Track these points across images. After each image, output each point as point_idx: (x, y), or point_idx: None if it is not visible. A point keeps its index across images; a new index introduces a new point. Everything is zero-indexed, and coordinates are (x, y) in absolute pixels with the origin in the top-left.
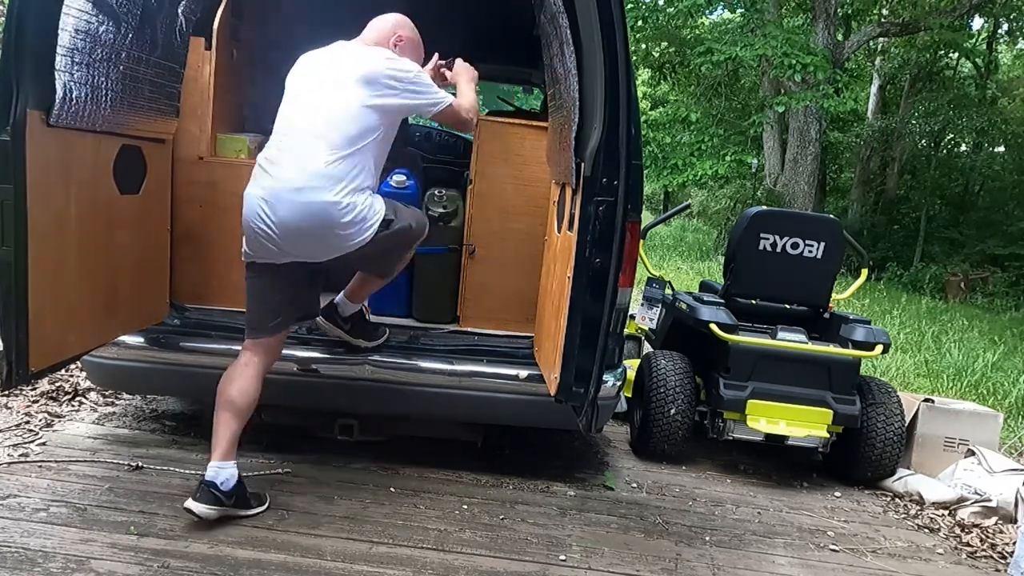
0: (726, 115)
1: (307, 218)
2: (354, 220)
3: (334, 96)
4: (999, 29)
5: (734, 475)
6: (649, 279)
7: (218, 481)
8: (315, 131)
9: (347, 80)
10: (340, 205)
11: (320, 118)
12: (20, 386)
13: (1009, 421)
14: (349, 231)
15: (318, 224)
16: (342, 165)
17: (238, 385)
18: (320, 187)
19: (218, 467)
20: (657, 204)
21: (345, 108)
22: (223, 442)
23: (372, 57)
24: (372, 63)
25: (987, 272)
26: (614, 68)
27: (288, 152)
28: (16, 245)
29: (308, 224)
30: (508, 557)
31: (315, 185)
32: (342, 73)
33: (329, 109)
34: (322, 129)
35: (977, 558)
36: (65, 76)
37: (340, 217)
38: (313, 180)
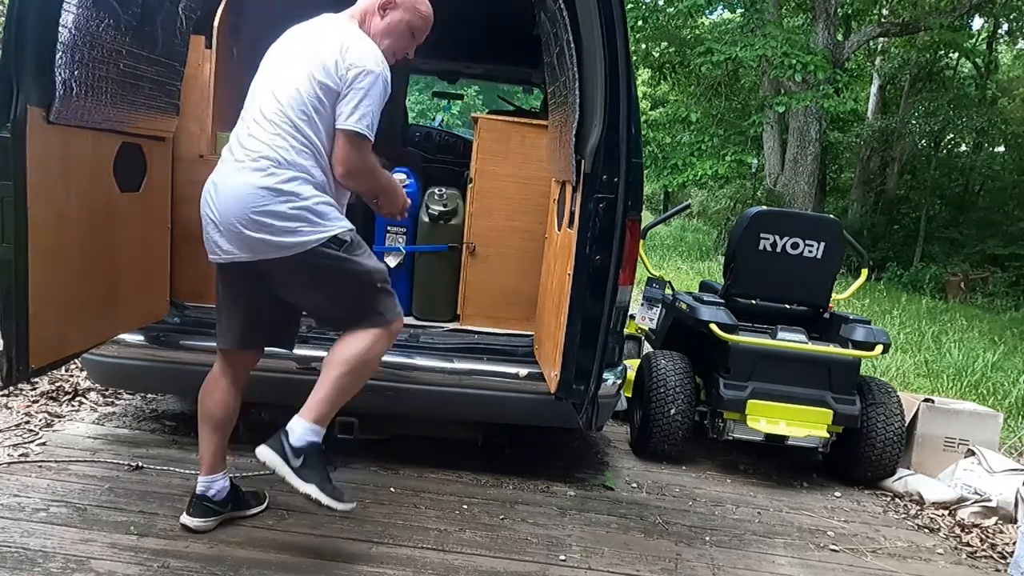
0: (726, 115)
1: (241, 199)
2: (290, 213)
3: (289, 78)
4: (999, 29)
5: (734, 475)
6: (649, 279)
7: (209, 494)
8: (268, 113)
9: (303, 63)
10: (279, 192)
11: (274, 100)
12: (20, 383)
13: (1009, 421)
14: (283, 223)
15: (249, 206)
16: (289, 152)
17: (215, 398)
18: (262, 168)
19: (207, 481)
20: (657, 204)
21: (296, 93)
22: (207, 456)
23: (330, 42)
24: (326, 50)
25: (987, 272)
26: (614, 66)
27: (243, 134)
28: (16, 242)
29: (240, 206)
30: (508, 557)
31: (258, 167)
32: (303, 52)
33: (284, 91)
34: (273, 111)
35: (977, 558)
36: (65, 73)
37: (275, 202)
38: (257, 161)
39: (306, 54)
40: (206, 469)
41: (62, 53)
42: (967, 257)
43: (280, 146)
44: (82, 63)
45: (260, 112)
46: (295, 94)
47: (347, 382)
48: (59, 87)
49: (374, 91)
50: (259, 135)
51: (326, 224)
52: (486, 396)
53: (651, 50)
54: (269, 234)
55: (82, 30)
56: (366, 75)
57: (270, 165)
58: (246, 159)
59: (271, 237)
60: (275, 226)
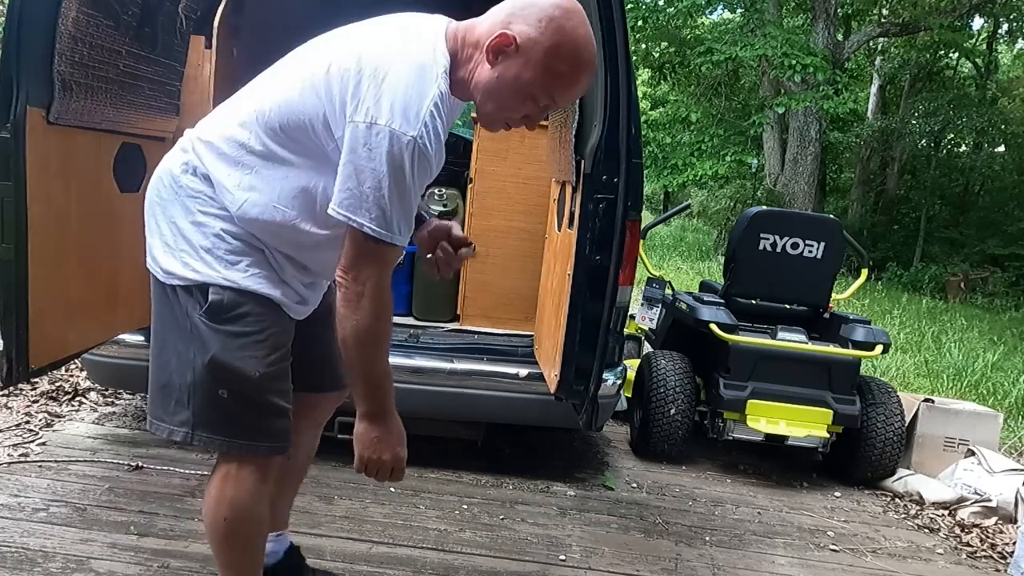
0: (726, 115)
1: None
2: (179, 222)
3: (287, 73)
4: (999, 29)
5: (734, 475)
6: (649, 279)
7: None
8: (246, 95)
9: (315, 58)
10: (190, 187)
11: (260, 86)
12: (20, 383)
13: (1009, 421)
14: (163, 226)
15: (152, 188)
16: (234, 150)
17: None
18: (187, 148)
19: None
20: (657, 204)
21: (285, 91)
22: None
23: (370, 47)
24: (350, 55)
25: (987, 272)
26: (614, 66)
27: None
28: (16, 243)
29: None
30: (508, 557)
31: (190, 147)
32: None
33: (273, 83)
34: (247, 98)
35: (977, 558)
36: (65, 73)
37: (177, 194)
38: (191, 141)
39: (331, 49)
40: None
41: (62, 53)
42: (967, 257)
43: (227, 135)
44: (82, 63)
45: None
46: (283, 88)
47: (223, 560)
48: (59, 87)
49: (379, 161)
50: (224, 113)
51: (211, 265)
52: (486, 396)
53: (651, 50)
54: (151, 225)
55: (82, 30)
56: (371, 130)
57: (202, 147)
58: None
59: (149, 233)
60: (154, 221)
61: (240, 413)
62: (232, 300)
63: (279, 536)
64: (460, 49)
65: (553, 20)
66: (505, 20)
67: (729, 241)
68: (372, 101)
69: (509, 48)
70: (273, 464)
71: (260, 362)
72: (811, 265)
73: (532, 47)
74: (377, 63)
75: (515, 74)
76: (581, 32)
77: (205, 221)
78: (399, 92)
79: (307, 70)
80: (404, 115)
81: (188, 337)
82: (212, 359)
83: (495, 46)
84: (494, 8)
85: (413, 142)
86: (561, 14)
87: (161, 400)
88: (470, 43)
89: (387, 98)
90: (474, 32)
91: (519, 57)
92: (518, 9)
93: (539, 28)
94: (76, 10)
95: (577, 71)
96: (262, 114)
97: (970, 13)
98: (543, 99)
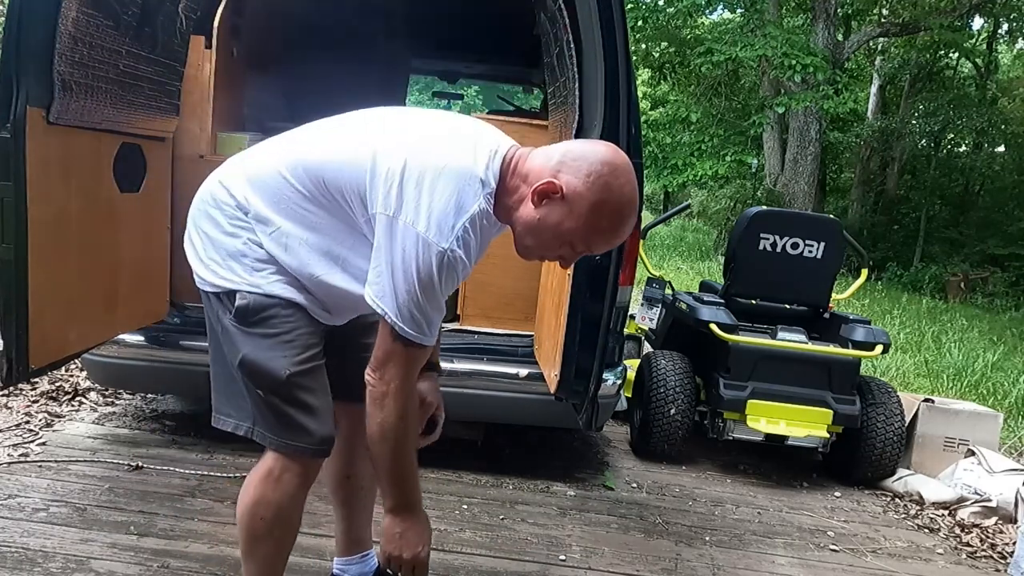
0: (726, 115)
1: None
2: (209, 233)
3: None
4: (999, 29)
5: (734, 475)
6: (649, 279)
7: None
8: (294, 140)
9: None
10: (223, 201)
11: (308, 137)
12: (20, 383)
13: (1009, 421)
14: (197, 235)
15: (193, 203)
16: (276, 180)
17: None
18: (232, 174)
19: (341, 564)
20: (657, 204)
21: (332, 153)
22: (336, 532)
23: (420, 141)
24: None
25: (987, 272)
26: (614, 66)
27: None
28: (16, 243)
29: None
30: (508, 557)
31: (234, 173)
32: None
33: (322, 139)
34: (295, 142)
35: (977, 558)
36: (65, 73)
37: (210, 208)
38: (234, 168)
39: (390, 129)
40: (337, 548)
41: (62, 53)
42: (967, 257)
43: (272, 169)
44: (82, 63)
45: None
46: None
47: (251, 554)
48: (59, 87)
49: (409, 264)
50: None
51: (234, 270)
52: (486, 396)
53: (651, 50)
54: (190, 237)
55: (82, 30)
56: (406, 232)
57: (240, 171)
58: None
59: (189, 246)
60: (193, 231)
61: (280, 412)
62: (258, 303)
63: (364, 556)
64: (510, 175)
65: (601, 177)
66: (556, 167)
67: (729, 241)
68: (412, 205)
69: (555, 196)
70: (315, 469)
71: (288, 362)
72: (811, 265)
73: (577, 200)
74: (424, 168)
75: (557, 221)
76: (627, 191)
77: (234, 231)
78: (439, 203)
79: (355, 145)
80: (439, 227)
81: (225, 339)
82: (243, 360)
83: (542, 191)
84: (550, 148)
85: (443, 254)
86: (609, 172)
87: (224, 397)
88: (520, 174)
89: (426, 206)
90: (525, 164)
91: (563, 206)
92: (569, 159)
93: (587, 183)
94: (76, 10)
95: (617, 227)
96: (307, 163)
97: (970, 13)
98: (580, 247)
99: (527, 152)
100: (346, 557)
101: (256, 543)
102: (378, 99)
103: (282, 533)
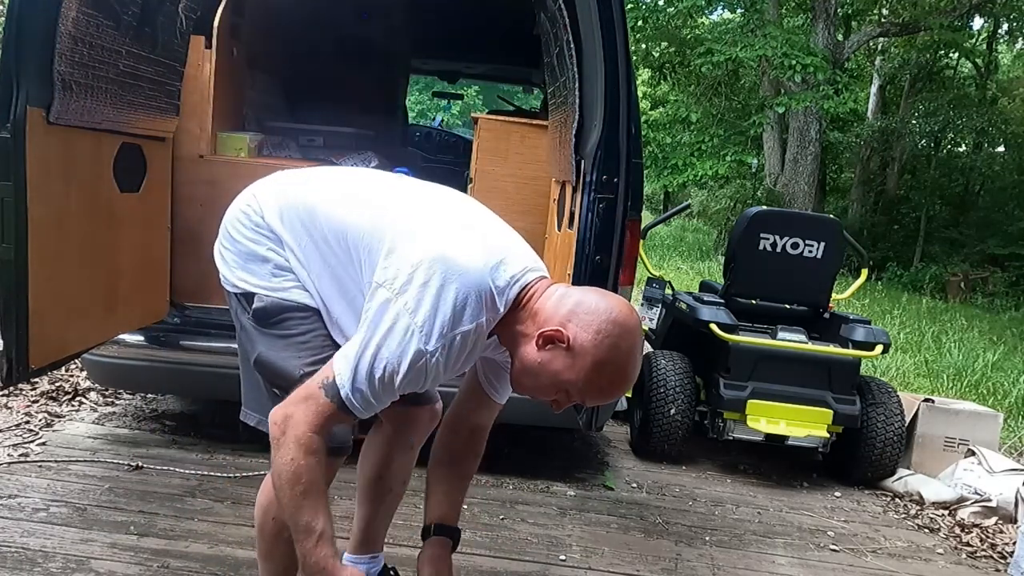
0: (726, 115)
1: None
2: (236, 237)
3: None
4: (999, 29)
5: (734, 475)
6: (649, 279)
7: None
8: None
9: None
10: (252, 216)
11: (334, 184)
12: (20, 383)
13: (1009, 421)
14: (224, 237)
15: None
16: (304, 219)
17: (365, 455)
18: (271, 191)
19: (349, 561)
20: (657, 204)
21: (353, 216)
22: (354, 527)
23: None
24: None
25: (987, 272)
26: (614, 66)
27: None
28: (16, 243)
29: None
30: (508, 557)
31: (264, 192)
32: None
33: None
34: (326, 185)
35: (977, 558)
36: (65, 73)
37: (241, 217)
38: (266, 188)
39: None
40: (350, 544)
41: (62, 53)
42: (967, 257)
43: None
44: (82, 63)
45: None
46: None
47: (268, 555)
48: (59, 87)
49: (388, 345)
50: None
51: (253, 273)
52: None
53: (651, 50)
54: (220, 242)
55: (82, 30)
56: (400, 318)
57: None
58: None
59: (218, 250)
60: (222, 237)
61: None
62: (275, 306)
63: (374, 557)
64: (521, 306)
65: (608, 337)
66: (566, 316)
67: (729, 241)
68: (415, 297)
69: (560, 345)
70: (330, 470)
71: (302, 362)
72: (811, 265)
73: (581, 354)
74: (442, 265)
75: (557, 369)
76: (633, 355)
77: (257, 239)
78: (443, 305)
79: (384, 217)
80: (431, 329)
81: (245, 338)
82: (259, 358)
83: (548, 336)
84: (565, 292)
85: (423, 354)
86: (618, 333)
87: (250, 393)
88: (530, 310)
89: (429, 302)
90: (538, 300)
91: (567, 356)
92: (582, 311)
93: (594, 340)
94: (76, 10)
95: (615, 387)
96: (335, 218)
97: (970, 13)
98: (575, 397)
99: (544, 287)
100: (357, 555)
101: (271, 543)
102: (378, 99)
103: (282, 539)
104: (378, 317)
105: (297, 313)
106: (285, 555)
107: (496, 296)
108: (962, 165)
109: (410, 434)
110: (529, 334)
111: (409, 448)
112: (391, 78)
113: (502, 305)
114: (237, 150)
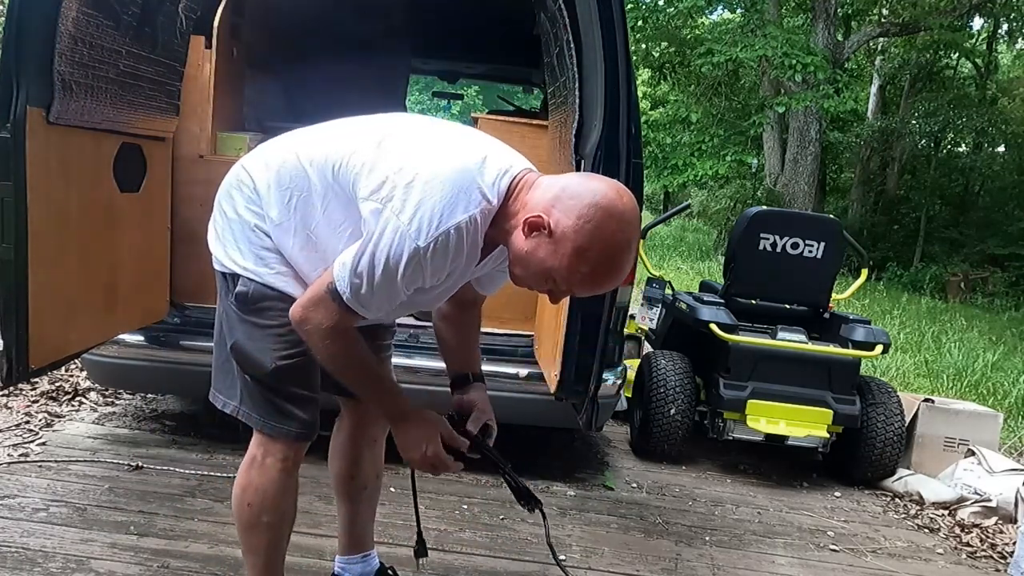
0: (726, 115)
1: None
2: (227, 212)
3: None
4: (999, 29)
5: (734, 475)
6: (649, 279)
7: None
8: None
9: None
10: (243, 182)
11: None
12: (20, 383)
13: (1009, 421)
14: (216, 213)
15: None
16: (292, 166)
17: (333, 453)
18: (257, 153)
19: (342, 563)
20: (657, 204)
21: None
22: (339, 530)
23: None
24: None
25: (987, 272)
26: (614, 66)
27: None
28: (16, 242)
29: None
30: (508, 557)
31: (256, 158)
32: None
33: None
34: (315, 138)
35: (977, 558)
36: (65, 73)
37: (232, 189)
38: (259, 155)
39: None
40: (339, 547)
41: (62, 53)
42: (967, 257)
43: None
44: (82, 63)
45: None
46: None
47: (248, 548)
48: (59, 87)
49: (381, 248)
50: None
51: (245, 256)
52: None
53: (651, 50)
54: (214, 218)
55: (82, 30)
56: (388, 222)
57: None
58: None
59: (212, 225)
60: (217, 212)
61: (265, 397)
62: (257, 292)
63: (366, 556)
64: (514, 198)
65: (591, 221)
66: (551, 201)
67: (729, 241)
68: (401, 199)
69: (543, 231)
70: (298, 454)
71: (276, 354)
72: (811, 265)
73: (563, 239)
74: (425, 167)
75: (542, 257)
76: (617, 239)
77: (246, 215)
78: (428, 202)
79: (365, 138)
80: (421, 224)
81: (224, 320)
82: (235, 344)
83: (531, 223)
84: (555, 179)
85: (417, 250)
86: (600, 217)
87: (220, 375)
88: (521, 200)
89: (414, 202)
90: (529, 189)
91: (550, 243)
92: (565, 196)
93: (576, 224)
94: (76, 10)
95: (601, 276)
96: (318, 154)
97: (970, 13)
98: (563, 286)
99: (535, 178)
100: (347, 556)
101: (249, 533)
102: (378, 99)
103: (271, 519)
104: (371, 226)
105: (278, 303)
106: (267, 545)
107: (486, 189)
108: (962, 165)
109: (370, 428)
110: (519, 224)
111: (373, 442)
112: (391, 78)
113: (494, 197)
114: (237, 150)
